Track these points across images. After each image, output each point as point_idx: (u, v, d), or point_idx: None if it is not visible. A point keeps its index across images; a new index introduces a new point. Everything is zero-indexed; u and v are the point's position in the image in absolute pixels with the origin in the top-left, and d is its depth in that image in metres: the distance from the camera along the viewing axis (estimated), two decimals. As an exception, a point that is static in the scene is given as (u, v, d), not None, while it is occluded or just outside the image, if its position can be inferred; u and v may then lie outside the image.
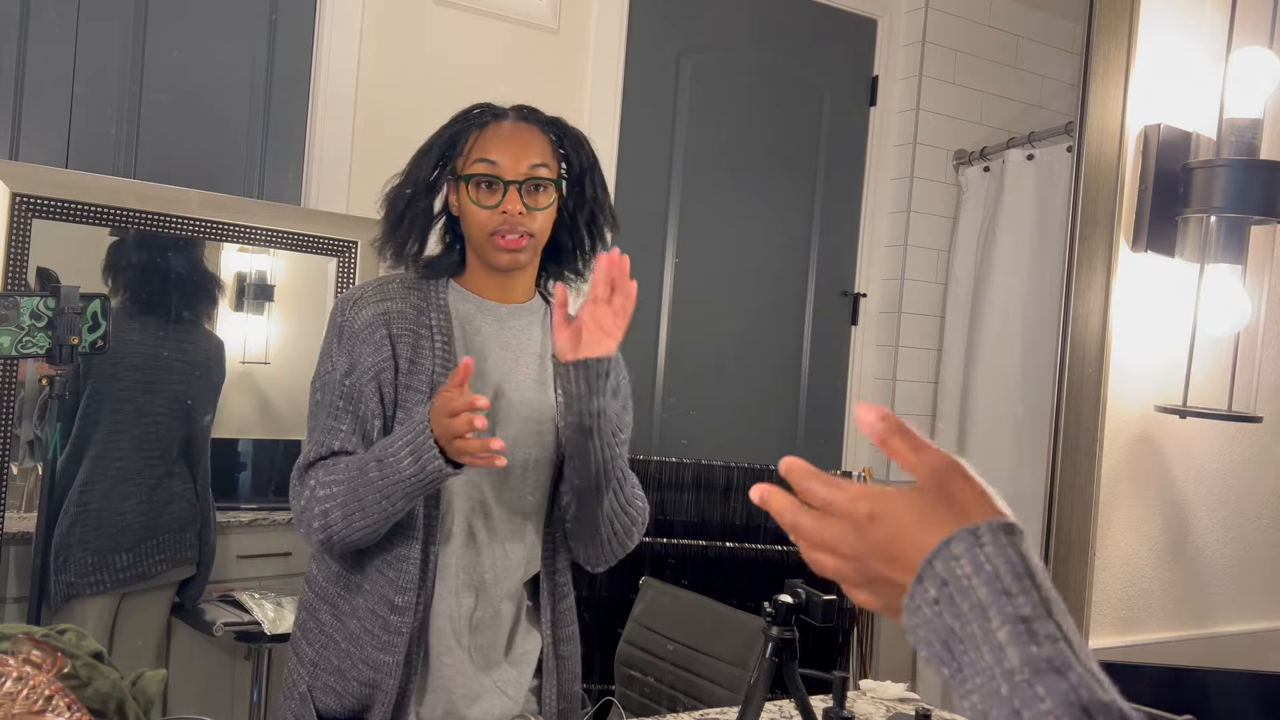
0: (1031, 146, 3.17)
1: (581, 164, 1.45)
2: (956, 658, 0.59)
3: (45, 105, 2.20)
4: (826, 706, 1.50)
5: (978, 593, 0.59)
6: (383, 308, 1.39)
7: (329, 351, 1.40)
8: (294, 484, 1.37)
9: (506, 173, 1.36)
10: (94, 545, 2.14)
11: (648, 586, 2.37)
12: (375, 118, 2.49)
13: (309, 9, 2.47)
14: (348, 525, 1.30)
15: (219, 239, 2.29)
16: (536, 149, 1.39)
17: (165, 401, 2.27)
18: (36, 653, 0.96)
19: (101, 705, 1.01)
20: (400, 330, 1.37)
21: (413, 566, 1.34)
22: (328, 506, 1.31)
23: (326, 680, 1.38)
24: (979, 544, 0.60)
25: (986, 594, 0.58)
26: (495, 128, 1.40)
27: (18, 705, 0.92)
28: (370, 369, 1.36)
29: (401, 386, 1.36)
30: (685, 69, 3.08)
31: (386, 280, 1.43)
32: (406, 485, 1.27)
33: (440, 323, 1.39)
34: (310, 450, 1.37)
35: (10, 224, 2.00)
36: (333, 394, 1.37)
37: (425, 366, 1.36)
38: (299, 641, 1.44)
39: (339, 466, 1.33)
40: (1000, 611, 0.57)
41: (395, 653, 1.34)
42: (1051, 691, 0.54)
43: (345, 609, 1.38)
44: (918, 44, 3.36)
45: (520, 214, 1.36)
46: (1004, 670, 0.56)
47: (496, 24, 2.66)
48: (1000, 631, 0.57)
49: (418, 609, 1.35)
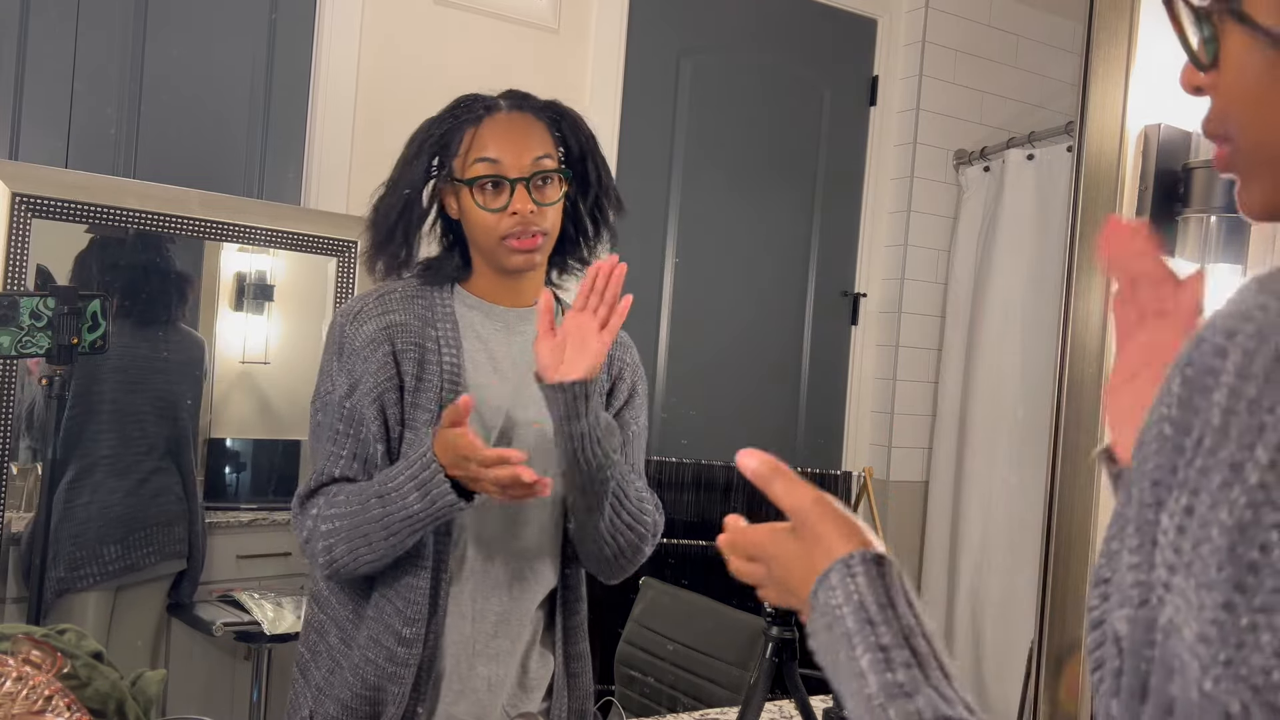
0: (1031, 146, 3.17)
1: (582, 147, 1.37)
2: (837, 684, 0.64)
3: (45, 105, 2.20)
4: (826, 707, 1.50)
5: (846, 622, 0.63)
6: (385, 321, 1.30)
7: (329, 370, 1.31)
8: (295, 514, 1.31)
9: (510, 170, 1.27)
10: (82, 539, 2.15)
11: (648, 586, 2.37)
12: (375, 118, 2.49)
13: (309, 9, 2.47)
14: (353, 559, 1.24)
15: (219, 239, 2.29)
16: (537, 139, 1.31)
17: (149, 399, 2.27)
18: (36, 653, 0.96)
19: (101, 705, 1.01)
20: (404, 345, 1.29)
21: (421, 597, 1.27)
22: (331, 542, 1.25)
23: (329, 709, 1.32)
24: (850, 574, 0.65)
25: (853, 623, 0.63)
26: (490, 121, 1.31)
27: (18, 705, 0.92)
28: (372, 390, 1.27)
29: (408, 405, 1.28)
30: (685, 69, 3.08)
31: (388, 291, 1.33)
32: (414, 521, 1.21)
33: (448, 334, 1.31)
34: (311, 478, 1.30)
35: (10, 224, 2.00)
36: (333, 417, 1.29)
37: (433, 384, 1.28)
38: (307, 664, 1.37)
39: (339, 499, 1.26)
40: (864, 640, 0.62)
41: (402, 683, 1.28)
42: (900, 714, 0.58)
43: (353, 634, 1.32)
44: (918, 44, 3.36)
45: (532, 213, 1.27)
46: (864, 696, 0.60)
47: (496, 24, 2.66)
48: (863, 659, 0.61)
49: (427, 640, 1.29)
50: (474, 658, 1.33)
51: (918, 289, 3.41)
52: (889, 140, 3.42)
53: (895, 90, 3.41)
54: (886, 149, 3.42)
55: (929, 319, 3.43)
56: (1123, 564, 0.48)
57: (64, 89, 2.22)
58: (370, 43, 2.51)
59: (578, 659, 1.42)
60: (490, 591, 1.33)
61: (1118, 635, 0.47)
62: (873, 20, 3.38)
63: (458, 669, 1.32)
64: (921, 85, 3.35)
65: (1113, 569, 0.49)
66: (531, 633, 1.38)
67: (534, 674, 1.39)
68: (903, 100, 3.40)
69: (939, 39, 3.36)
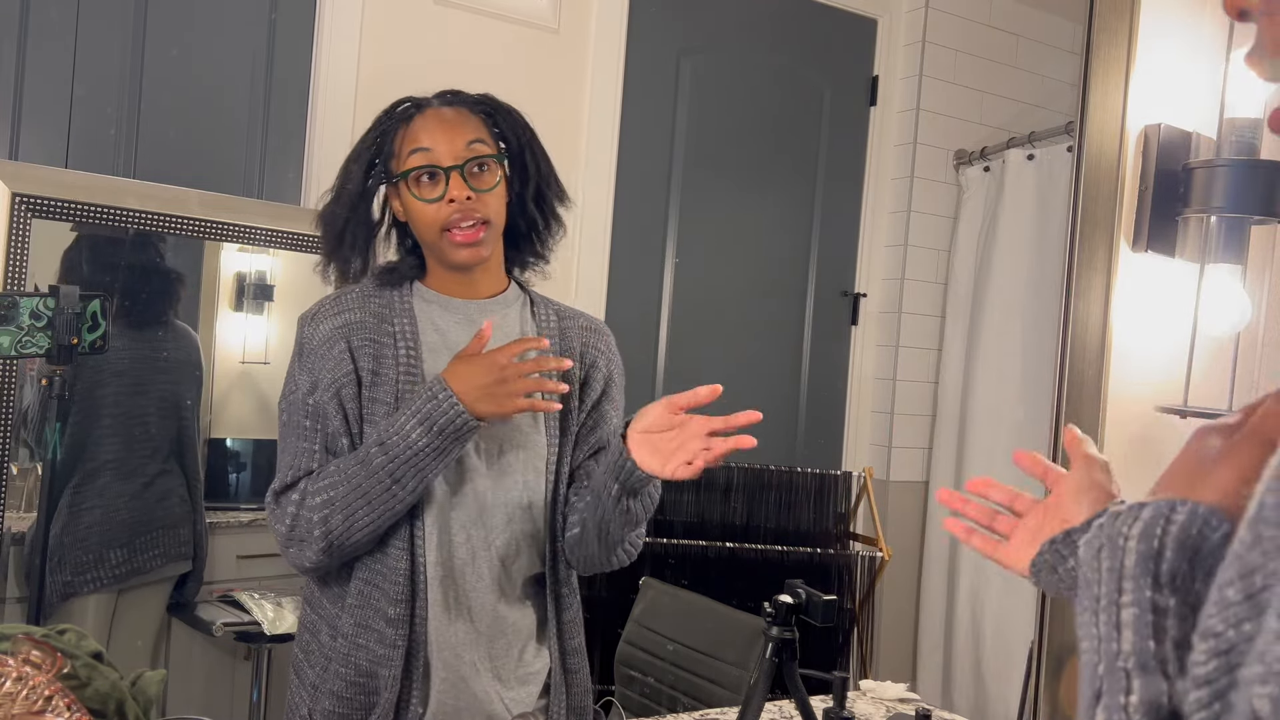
0: (1031, 146, 3.17)
1: (519, 138, 1.37)
2: (1077, 614, 0.56)
3: (45, 105, 2.20)
4: (826, 706, 1.50)
5: (1128, 558, 0.54)
6: (340, 320, 1.33)
7: (292, 371, 1.35)
8: (271, 508, 1.32)
9: (444, 158, 1.29)
10: (88, 543, 2.14)
11: (648, 586, 2.37)
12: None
13: (309, 9, 2.47)
14: (349, 524, 1.26)
15: (219, 239, 2.29)
16: (470, 127, 1.32)
17: (153, 401, 2.27)
18: (36, 653, 0.96)
19: (101, 705, 1.01)
20: (360, 342, 1.32)
21: (402, 579, 1.30)
22: (326, 513, 1.26)
23: (325, 704, 1.33)
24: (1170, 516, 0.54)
25: (1134, 563, 0.53)
26: (421, 117, 1.33)
27: (18, 705, 0.92)
28: (330, 385, 1.30)
29: (366, 399, 1.31)
30: (685, 69, 3.08)
31: (345, 293, 1.37)
32: (419, 458, 1.23)
33: (404, 328, 1.34)
34: (286, 473, 1.32)
35: (10, 224, 2.00)
36: (298, 414, 1.32)
37: (389, 377, 1.31)
38: (301, 664, 1.39)
39: (328, 471, 1.28)
40: (1137, 586, 0.52)
41: (392, 666, 1.29)
42: (1145, 690, 0.50)
43: (342, 627, 1.33)
44: (918, 44, 3.36)
45: (469, 199, 1.28)
46: (1108, 649, 0.52)
47: (496, 24, 2.66)
48: (1126, 610, 0.52)
49: (413, 621, 1.30)
50: (460, 645, 1.34)
51: (918, 289, 3.41)
52: (889, 140, 3.42)
53: (895, 90, 3.41)
54: (886, 149, 3.42)
55: (929, 319, 3.43)
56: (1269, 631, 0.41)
57: (64, 89, 2.22)
58: (370, 43, 2.51)
59: (574, 655, 1.42)
60: (471, 573, 1.34)
61: (1256, 714, 0.41)
62: (873, 20, 3.38)
63: (441, 655, 1.33)
64: (921, 85, 3.35)
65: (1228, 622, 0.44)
66: (521, 622, 1.39)
67: (529, 667, 1.40)
68: (903, 100, 3.40)
69: (939, 39, 3.36)
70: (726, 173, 3.16)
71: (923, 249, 3.41)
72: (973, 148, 3.39)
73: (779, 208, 3.28)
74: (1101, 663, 0.52)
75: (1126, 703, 0.50)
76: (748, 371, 3.24)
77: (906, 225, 3.38)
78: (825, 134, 3.34)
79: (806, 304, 3.34)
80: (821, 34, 3.31)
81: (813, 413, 3.37)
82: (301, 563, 1.31)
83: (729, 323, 3.19)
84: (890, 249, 3.43)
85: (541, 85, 2.70)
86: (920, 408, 3.43)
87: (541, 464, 1.38)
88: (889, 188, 3.43)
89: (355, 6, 2.48)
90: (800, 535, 3.07)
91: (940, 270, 3.43)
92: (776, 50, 3.24)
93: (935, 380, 3.43)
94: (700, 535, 2.96)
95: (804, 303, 3.34)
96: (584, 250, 2.82)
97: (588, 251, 2.83)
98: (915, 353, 3.42)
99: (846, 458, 3.44)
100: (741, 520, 3.01)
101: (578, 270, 2.81)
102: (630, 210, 2.98)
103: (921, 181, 3.38)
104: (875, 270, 3.44)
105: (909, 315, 3.39)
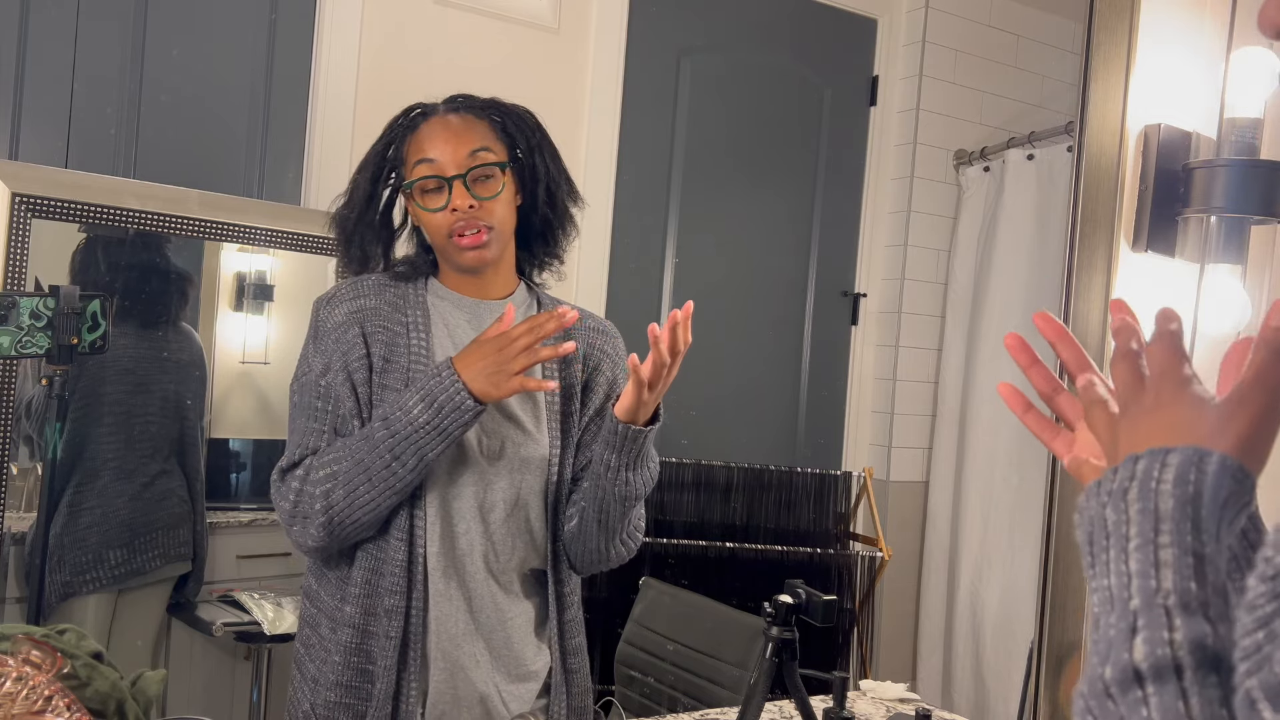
0: (1031, 146, 3.17)
1: (529, 141, 1.39)
2: (1094, 553, 0.57)
3: (45, 105, 2.20)
4: (826, 706, 1.50)
5: (1165, 501, 0.54)
6: (356, 305, 1.36)
7: (306, 353, 1.37)
8: (276, 486, 1.34)
9: (448, 168, 1.31)
10: (88, 543, 2.14)
11: (648, 586, 2.37)
12: (375, 118, 2.46)
13: (309, 9, 2.47)
14: (350, 501, 1.26)
15: (219, 239, 2.29)
16: (476, 135, 1.34)
17: (156, 400, 2.27)
18: (36, 653, 0.96)
19: (101, 705, 1.01)
20: (374, 327, 1.34)
21: (399, 569, 1.31)
22: (328, 487, 1.27)
23: (327, 696, 1.34)
24: (1201, 465, 0.55)
25: (1173, 507, 0.54)
26: (428, 126, 1.35)
27: (18, 705, 0.92)
28: (343, 369, 1.33)
29: (377, 385, 1.33)
30: (685, 69, 3.08)
31: (361, 279, 1.40)
32: (420, 435, 1.24)
33: (417, 319, 1.36)
34: (294, 451, 1.34)
35: (10, 224, 2.00)
36: (310, 395, 1.34)
37: (400, 364, 1.33)
38: (302, 658, 1.40)
39: (335, 447, 1.30)
40: (1177, 530, 0.53)
41: (387, 656, 1.30)
42: (1189, 629, 0.50)
43: (341, 618, 1.34)
44: (918, 44, 3.36)
45: (471, 208, 1.31)
46: (1145, 585, 0.52)
47: (496, 24, 2.66)
48: (1165, 551, 0.53)
49: (409, 612, 1.31)
50: (459, 636, 1.34)
51: (918, 289, 3.41)
52: (889, 140, 3.42)
53: (895, 90, 3.41)
54: (886, 149, 3.42)
55: (929, 319, 3.43)
56: None
57: (64, 89, 2.22)
58: (370, 43, 2.51)
59: (574, 654, 1.43)
60: (471, 565, 1.35)
61: None
62: (873, 20, 3.38)
63: (440, 645, 1.34)
64: (921, 85, 3.35)
65: None
66: (521, 616, 1.40)
67: (530, 665, 1.40)
68: (903, 100, 3.40)
69: (939, 39, 3.36)
70: (726, 173, 3.16)
71: (923, 249, 3.41)
72: (973, 148, 3.39)
73: (779, 207, 3.28)
74: (1134, 598, 0.52)
75: (1171, 638, 0.50)
76: (748, 371, 3.24)
77: (906, 225, 3.38)
78: (825, 134, 3.34)
79: (806, 304, 3.34)
80: (821, 34, 3.31)
81: (813, 413, 3.37)
82: (305, 540, 1.32)
83: (729, 323, 3.19)
84: (890, 249, 3.43)
85: (541, 85, 2.70)
86: (920, 408, 3.43)
87: (543, 463, 1.39)
88: (889, 188, 3.43)
89: (355, 6, 2.48)
90: (800, 535, 3.07)
91: (940, 270, 3.43)
92: (777, 50, 3.24)
93: (935, 380, 3.43)
94: (700, 535, 2.96)
95: (804, 303, 3.34)
96: (584, 250, 2.82)
97: (588, 251, 2.83)
98: (915, 353, 3.42)
99: (846, 458, 3.44)
100: (741, 520, 3.02)
101: (578, 270, 2.81)
102: (630, 210, 2.98)
103: (921, 181, 3.38)
104: (875, 270, 3.44)
105: (909, 315, 3.39)
